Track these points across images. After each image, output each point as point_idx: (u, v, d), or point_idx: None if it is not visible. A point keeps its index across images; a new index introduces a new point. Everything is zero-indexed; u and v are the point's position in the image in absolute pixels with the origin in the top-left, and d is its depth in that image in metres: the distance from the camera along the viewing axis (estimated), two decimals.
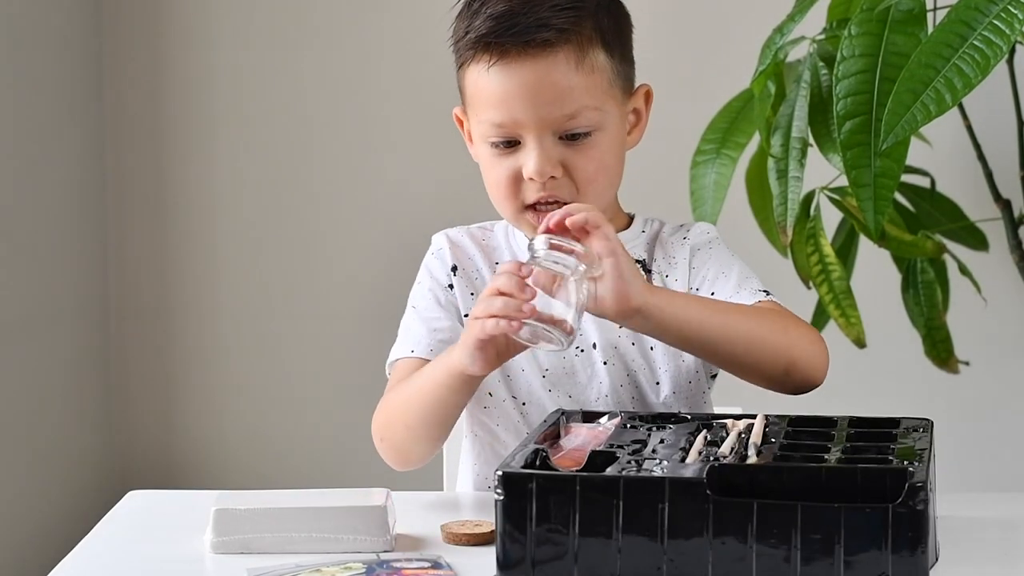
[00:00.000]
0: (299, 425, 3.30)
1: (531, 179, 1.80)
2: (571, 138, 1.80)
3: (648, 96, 1.89)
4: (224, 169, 3.27)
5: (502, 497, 1.48)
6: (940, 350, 2.66)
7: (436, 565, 1.54)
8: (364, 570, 1.52)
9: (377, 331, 3.26)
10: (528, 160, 1.80)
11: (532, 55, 1.78)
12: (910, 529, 1.42)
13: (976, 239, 2.75)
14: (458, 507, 1.77)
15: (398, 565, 1.54)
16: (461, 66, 1.83)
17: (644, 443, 1.60)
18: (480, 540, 1.60)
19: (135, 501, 1.79)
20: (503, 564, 1.49)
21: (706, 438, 1.60)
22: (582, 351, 1.86)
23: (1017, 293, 2.96)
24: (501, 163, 1.82)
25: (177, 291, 3.30)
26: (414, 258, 2.28)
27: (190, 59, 3.26)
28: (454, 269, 1.90)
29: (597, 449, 1.56)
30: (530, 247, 1.66)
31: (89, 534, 1.68)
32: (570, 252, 1.64)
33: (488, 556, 1.54)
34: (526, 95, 1.79)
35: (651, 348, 1.85)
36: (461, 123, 1.90)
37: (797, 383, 1.75)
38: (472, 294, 1.89)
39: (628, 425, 1.67)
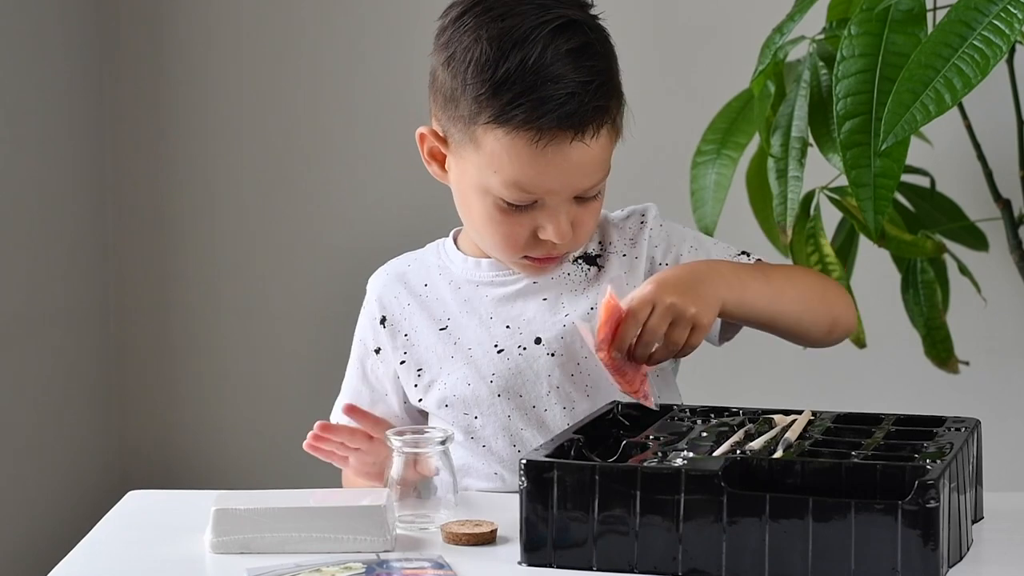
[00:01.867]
0: (299, 425, 3.28)
1: (549, 241, 1.80)
2: (582, 198, 1.81)
3: None
4: (224, 169, 3.27)
5: (525, 484, 1.52)
6: (940, 350, 2.66)
7: (436, 565, 1.54)
8: (364, 570, 1.52)
9: None
10: (548, 224, 1.80)
11: (583, 138, 1.77)
12: (920, 527, 1.44)
13: (976, 239, 2.75)
14: (458, 507, 1.77)
15: (398, 565, 1.54)
16: (486, 123, 1.77)
17: (682, 435, 1.64)
18: (480, 540, 1.60)
19: (135, 501, 1.79)
20: (527, 548, 1.53)
21: (747, 432, 1.62)
22: (524, 349, 1.86)
23: (1017, 293, 2.96)
24: (509, 220, 1.81)
25: (177, 291, 3.30)
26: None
27: (190, 59, 3.26)
28: (383, 320, 1.92)
29: (632, 440, 1.61)
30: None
31: (89, 534, 1.68)
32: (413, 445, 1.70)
33: (488, 556, 1.54)
34: (568, 172, 1.78)
35: None
36: (423, 141, 1.87)
37: (836, 339, 1.86)
38: (406, 335, 1.91)
39: (676, 417, 1.71)
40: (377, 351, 1.93)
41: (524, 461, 1.53)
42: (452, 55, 1.80)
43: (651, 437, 1.63)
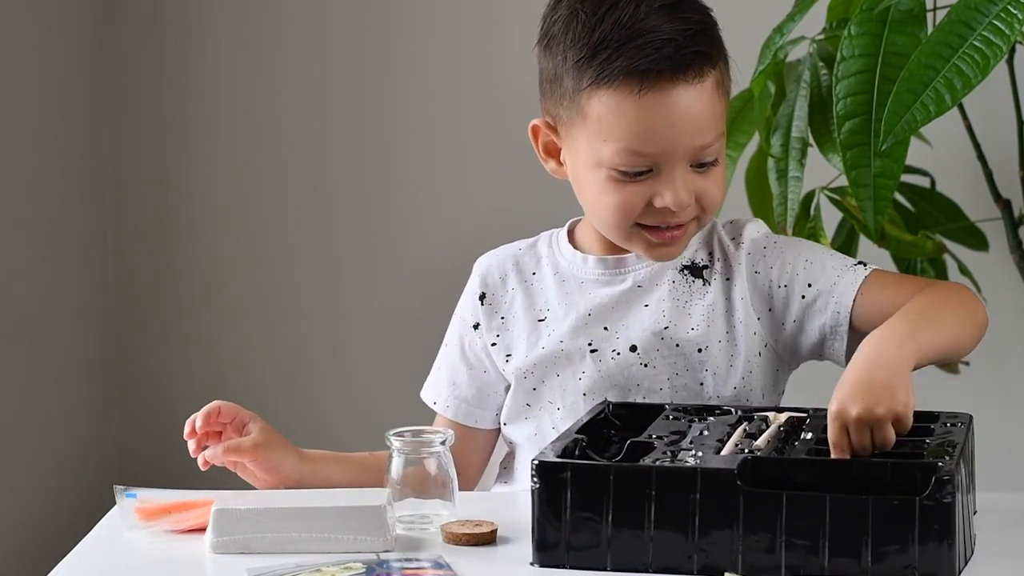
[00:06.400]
0: (299, 426, 3.29)
1: (667, 209, 1.77)
2: (700, 166, 1.78)
3: None
4: (223, 169, 3.27)
5: (538, 485, 1.51)
6: None
7: (436, 565, 1.54)
8: (364, 570, 1.52)
9: (378, 334, 3.26)
10: (665, 191, 1.77)
11: (686, 82, 1.75)
12: (937, 522, 1.45)
13: (976, 239, 2.75)
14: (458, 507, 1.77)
15: (398, 565, 1.54)
16: (587, 88, 1.77)
17: (683, 434, 1.63)
18: (480, 540, 1.60)
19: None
20: (539, 548, 1.52)
21: (745, 431, 1.62)
22: (618, 354, 1.84)
23: (1017, 293, 2.96)
24: (624, 189, 1.78)
25: (177, 291, 3.30)
26: (415, 263, 2.27)
27: (191, 58, 3.26)
28: (482, 297, 1.91)
29: (636, 440, 1.60)
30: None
31: (89, 534, 1.68)
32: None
33: (488, 556, 1.54)
34: (676, 124, 1.75)
35: (699, 350, 1.83)
36: (536, 134, 1.85)
37: (977, 344, 1.78)
38: (502, 318, 1.89)
39: (671, 416, 1.70)
40: (476, 326, 1.91)
41: (536, 462, 1.53)
42: (552, 37, 1.81)
43: (653, 437, 1.63)
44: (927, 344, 1.67)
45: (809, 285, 1.83)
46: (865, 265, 1.84)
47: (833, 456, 1.54)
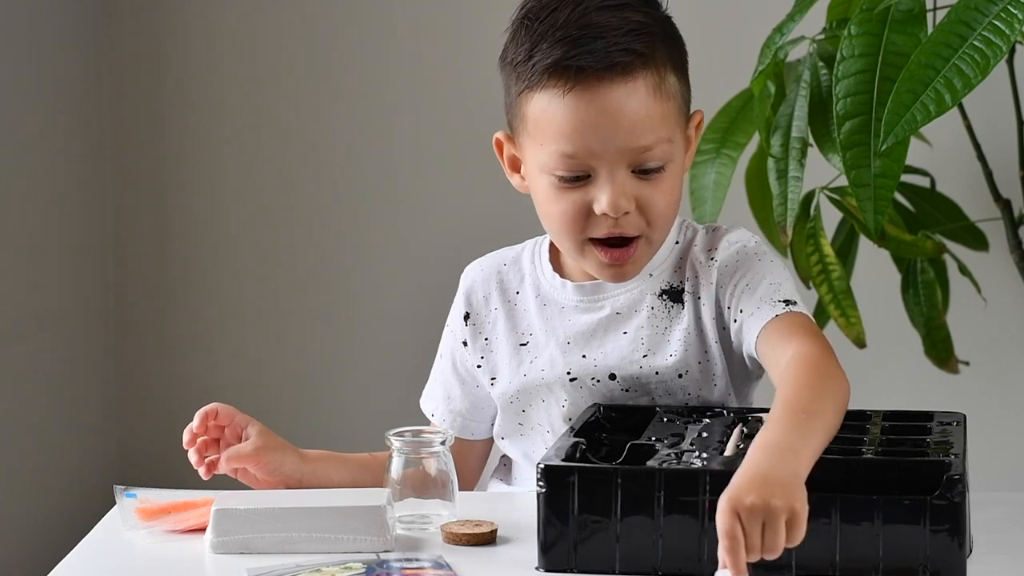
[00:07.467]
0: (299, 427, 3.30)
1: (604, 214, 1.73)
2: (643, 172, 1.74)
3: (700, 123, 1.83)
4: (224, 169, 3.27)
5: (544, 489, 1.51)
6: (940, 350, 2.66)
7: (436, 565, 1.54)
8: (364, 570, 1.52)
9: (378, 335, 3.26)
10: (601, 195, 1.73)
11: (612, 80, 1.71)
12: (947, 521, 1.46)
13: (976, 239, 2.75)
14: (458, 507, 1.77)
15: (398, 565, 1.54)
16: (523, 91, 1.75)
17: (682, 436, 1.63)
18: (480, 540, 1.60)
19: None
20: (545, 551, 1.52)
21: (743, 431, 1.62)
22: (598, 382, 1.82)
23: (1017, 293, 2.96)
24: (566, 196, 1.75)
25: (177, 291, 3.30)
26: (414, 263, 2.27)
27: (191, 58, 3.26)
28: (467, 317, 1.89)
29: (637, 443, 1.60)
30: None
31: (89, 534, 1.68)
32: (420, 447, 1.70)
33: (488, 556, 1.54)
34: (604, 124, 1.71)
35: (679, 375, 1.80)
36: (501, 148, 1.83)
37: None
38: (486, 339, 1.88)
39: (665, 419, 1.70)
40: (464, 343, 1.89)
41: (542, 466, 1.52)
42: (504, 52, 1.79)
43: (653, 439, 1.63)
44: (817, 450, 1.51)
45: (741, 311, 1.78)
46: (787, 304, 1.74)
47: (721, 548, 1.39)
